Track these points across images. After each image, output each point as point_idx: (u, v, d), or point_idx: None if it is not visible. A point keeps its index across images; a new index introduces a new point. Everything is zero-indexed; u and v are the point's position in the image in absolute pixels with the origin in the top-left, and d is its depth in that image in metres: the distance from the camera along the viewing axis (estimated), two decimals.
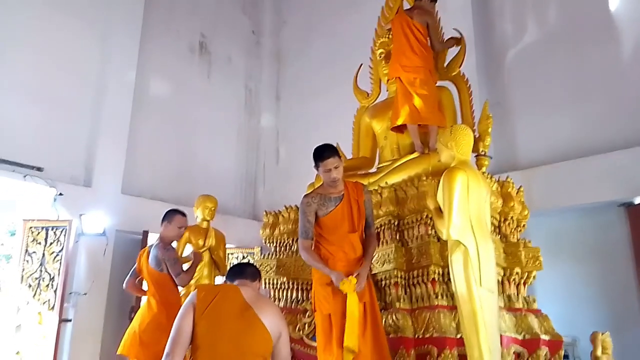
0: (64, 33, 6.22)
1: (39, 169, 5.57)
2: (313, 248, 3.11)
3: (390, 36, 4.59)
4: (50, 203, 5.59)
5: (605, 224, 5.04)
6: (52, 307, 5.30)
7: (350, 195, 3.11)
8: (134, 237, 6.33)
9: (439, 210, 2.69)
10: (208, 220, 4.70)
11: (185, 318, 2.10)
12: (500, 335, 2.76)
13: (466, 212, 2.50)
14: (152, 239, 6.38)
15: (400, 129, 4.29)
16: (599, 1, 5.33)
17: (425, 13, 4.29)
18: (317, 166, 3.07)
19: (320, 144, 3.15)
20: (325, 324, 2.93)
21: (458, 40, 4.30)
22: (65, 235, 5.48)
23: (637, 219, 4.76)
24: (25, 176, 5.40)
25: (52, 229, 5.52)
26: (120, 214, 6.10)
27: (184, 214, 3.88)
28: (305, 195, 3.13)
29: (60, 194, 5.63)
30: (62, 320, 5.35)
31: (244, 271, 2.40)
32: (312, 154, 3.08)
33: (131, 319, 6.00)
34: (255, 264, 2.58)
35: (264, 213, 4.78)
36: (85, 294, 5.68)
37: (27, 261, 5.46)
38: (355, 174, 4.54)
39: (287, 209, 4.63)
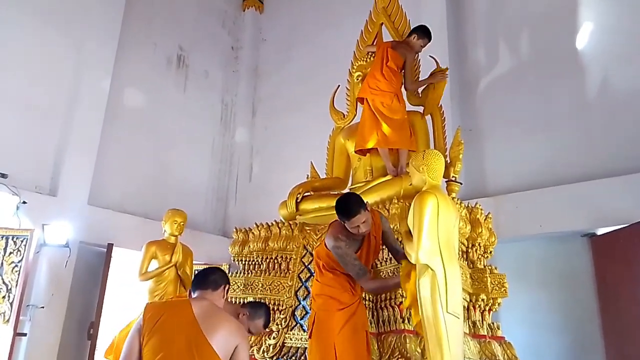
0: (39, 39, 6.11)
1: (3, 176, 5.39)
2: (329, 284, 3.04)
3: (369, 60, 4.67)
4: (13, 211, 5.40)
5: (569, 253, 5.15)
6: (7, 320, 5.06)
7: (370, 235, 3.05)
8: (98, 250, 6.15)
9: (408, 234, 2.70)
10: (176, 236, 4.61)
11: (134, 337, 2.13)
12: None
13: (435, 236, 2.52)
14: (117, 252, 6.24)
15: (363, 151, 4.33)
16: (568, 35, 5.54)
17: (408, 50, 4.36)
18: (343, 222, 2.96)
19: (343, 195, 3.06)
20: (329, 352, 2.86)
21: (442, 73, 4.33)
22: (25, 245, 5.28)
23: (599, 250, 4.87)
24: None
25: (13, 238, 5.31)
26: (85, 226, 5.93)
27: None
28: (337, 239, 2.97)
29: (24, 202, 5.44)
30: (17, 334, 5.12)
31: (206, 280, 2.34)
32: (335, 207, 2.97)
33: (90, 336, 5.84)
34: (221, 269, 2.49)
35: (234, 230, 4.73)
36: (43, 307, 5.45)
37: None
38: (328, 194, 4.56)
39: (257, 226, 4.60)
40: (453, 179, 3.93)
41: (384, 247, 3.47)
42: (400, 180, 3.99)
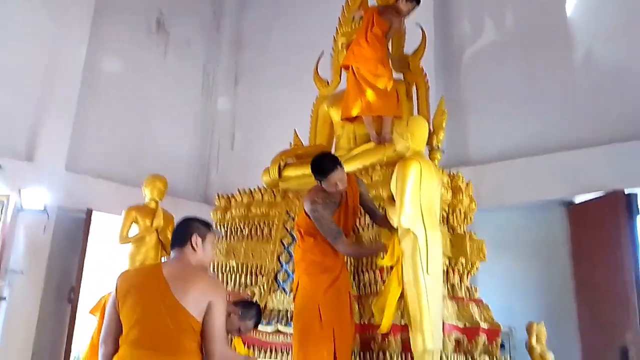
0: (15, 4, 5.89)
1: None
2: (310, 250, 3.05)
3: (354, 26, 4.60)
4: None
5: (547, 222, 5.28)
6: None
7: (347, 197, 3.06)
8: (77, 216, 6.09)
9: (391, 199, 2.72)
10: (157, 201, 4.57)
11: (111, 306, 2.17)
12: (442, 323, 2.85)
13: (417, 201, 2.55)
14: (97, 218, 6.18)
15: (350, 119, 4.31)
16: (553, 6, 5.54)
17: (395, 15, 4.28)
18: (320, 181, 2.98)
19: (318, 155, 3.05)
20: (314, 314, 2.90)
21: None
22: (2, 210, 5.21)
23: (575, 218, 5.01)
24: None
25: None
26: (63, 191, 5.85)
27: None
28: (314, 201, 2.99)
29: None
30: None
31: (174, 238, 2.31)
32: (311, 167, 2.99)
33: (70, 300, 5.81)
34: (189, 218, 2.36)
35: (216, 196, 4.70)
36: (22, 272, 5.41)
37: None
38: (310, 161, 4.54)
39: (240, 192, 4.58)
40: (436, 147, 3.96)
41: (364, 213, 3.52)
42: (384, 148, 3.99)
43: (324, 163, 2.96)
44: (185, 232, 2.28)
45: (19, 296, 5.38)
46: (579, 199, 5.00)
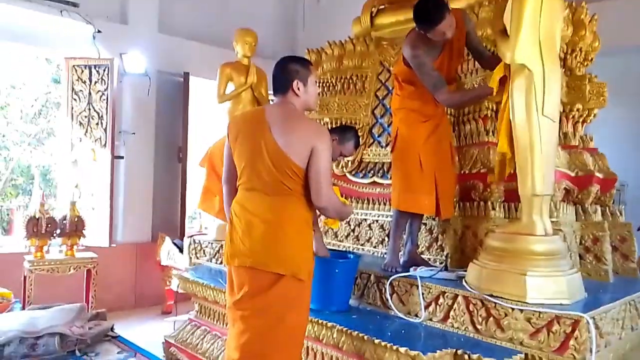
0: None
1: (74, 5, 5.36)
2: (409, 98, 2.91)
3: None
4: (90, 41, 5.49)
5: None
6: (104, 145, 5.52)
7: (453, 38, 2.74)
8: (175, 79, 6.29)
9: (503, 32, 2.41)
10: (248, 57, 4.51)
11: (227, 150, 2.31)
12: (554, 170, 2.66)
13: (536, 32, 2.23)
14: (194, 81, 6.34)
15: None
16: None
17: None
18: (425, 30, 2.68)
19: (421, 1, 2.65)
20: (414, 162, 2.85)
21: None
22: (108, 74, 5.48)
23: None
24: (61, 11, 5.24)
25: (95, 67, 5.51)
26: (159, 55, 6.00)
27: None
28: (415, 47, 2.74)
29: (99, 31, 5.49)
30: (115, 157, 5.61)
31: (275, 84, 2.29)
32: (414, 16, 2.67)
33: (180, 159, 6.29)
34: (289, 59, 2.31)
35: (306, 50, 4.55)
36: (134, 133, 5.84)
37: (75, 100, 5.56)
38: (406, 5, 4.14)
39: (330, 45, 4.39)
40: None
41: (468, 56, 3.22)
42: None
43: (429, 10, 2.62)
44: (285, 78, 2.24)
45: (135, 154, 5.88)
46: None
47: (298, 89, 2.22)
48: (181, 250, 5.08)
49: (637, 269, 2.99)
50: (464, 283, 2.49)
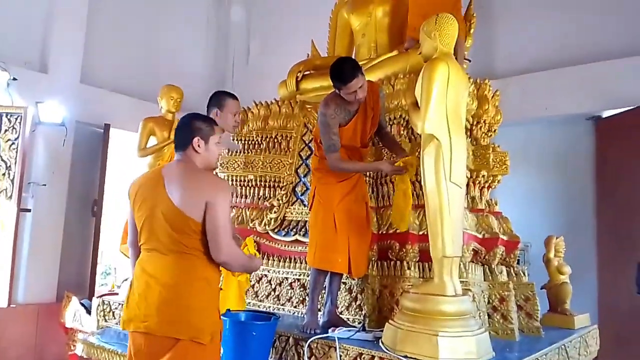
0: None
1: None
2: (323, 159, 2.99)
3: None
4: (3, 88, 5.23)
5: (572, 136, 5.13)
6: (10, 197, 5.13)
7: (367, 105, 2.93)
8: (95, 130, 6.08)
9: (415, 105, 2.60)
10: (173, 112, 4.49)
11: (129, 212, 2.28)
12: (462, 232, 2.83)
13: (443, 105, 2.43)
14: (115, 133, 6.16)
15: None
16: None
17: None
18: (339, 89, 2.82)
19: (337, 60, 2.86)
20: (329, 221, 2.91)
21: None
22: (21, 123, 5.19)
23: (603, 132, 4.84)
24: None
25: (7, 115, 5.20)
26: (79, 105, 5.78)
27: (235, 97, 3.03)
28: (327, 106, 2.86)
29: (14, 79, 5.25)
30: (21, 210, 5.22)
31: (178, 141, 2.26)
32: (330, 73, 2.82)
33: (94, 214, 5.96)
34: (189, 116, 2.27)
35: None
36: (44, 184, 5.50)
37: None
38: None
39: (256, 105, 4.49)
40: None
41: None
42: (407, 56, 3.81)
43: (344, 69, 2.78)
44: (186, 135, 2.22)
45: (44, 208, 5.50)
46: (606, 113, 4.80)
47: (199, 146, 2.20)
48: (89, 312, 4.72)
49: (541, 328, 3.17)
50: (380, 344, 2.51)
